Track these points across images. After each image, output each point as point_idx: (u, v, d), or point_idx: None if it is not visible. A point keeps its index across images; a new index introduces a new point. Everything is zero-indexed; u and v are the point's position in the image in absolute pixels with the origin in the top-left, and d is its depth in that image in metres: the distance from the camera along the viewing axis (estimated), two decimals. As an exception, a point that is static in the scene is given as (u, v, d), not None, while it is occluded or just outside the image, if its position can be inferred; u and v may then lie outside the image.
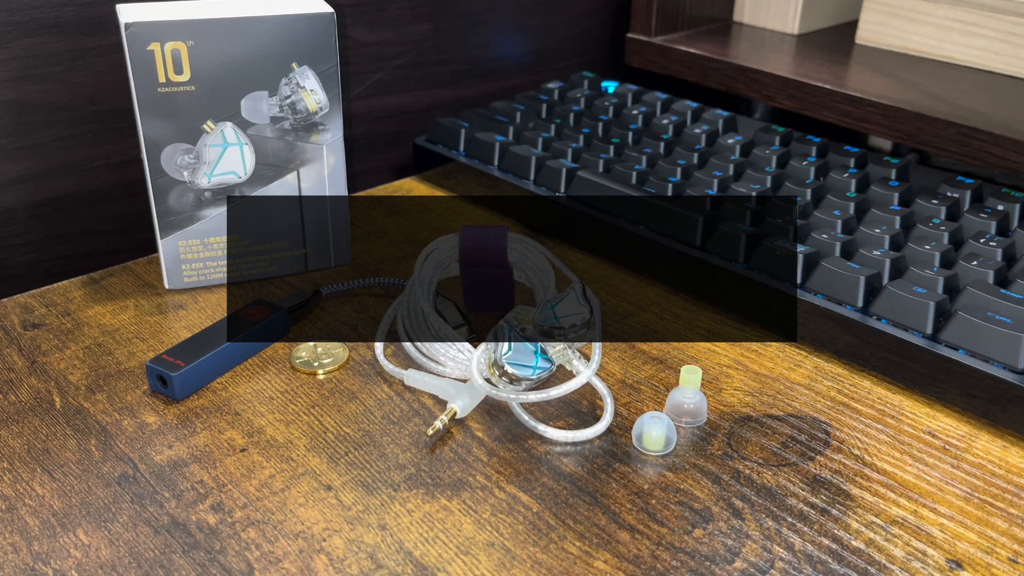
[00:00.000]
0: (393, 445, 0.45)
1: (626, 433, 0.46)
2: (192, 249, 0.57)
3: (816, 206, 0.61)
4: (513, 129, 0.73)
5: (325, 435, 0.46)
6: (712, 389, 0.50)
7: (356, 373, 0.51)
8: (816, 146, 0.68)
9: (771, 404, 0.49)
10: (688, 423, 0.47)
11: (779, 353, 0.53)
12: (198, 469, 0.44)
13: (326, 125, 0.57)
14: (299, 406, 0.48)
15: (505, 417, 0.48)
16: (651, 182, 0.64)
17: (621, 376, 0.51)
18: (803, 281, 0.54)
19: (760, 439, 0.46)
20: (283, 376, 0.51)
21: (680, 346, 0.54)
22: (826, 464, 0.44)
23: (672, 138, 0.71)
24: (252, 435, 0.46)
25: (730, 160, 0.66)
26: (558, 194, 0.66)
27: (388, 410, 0.48)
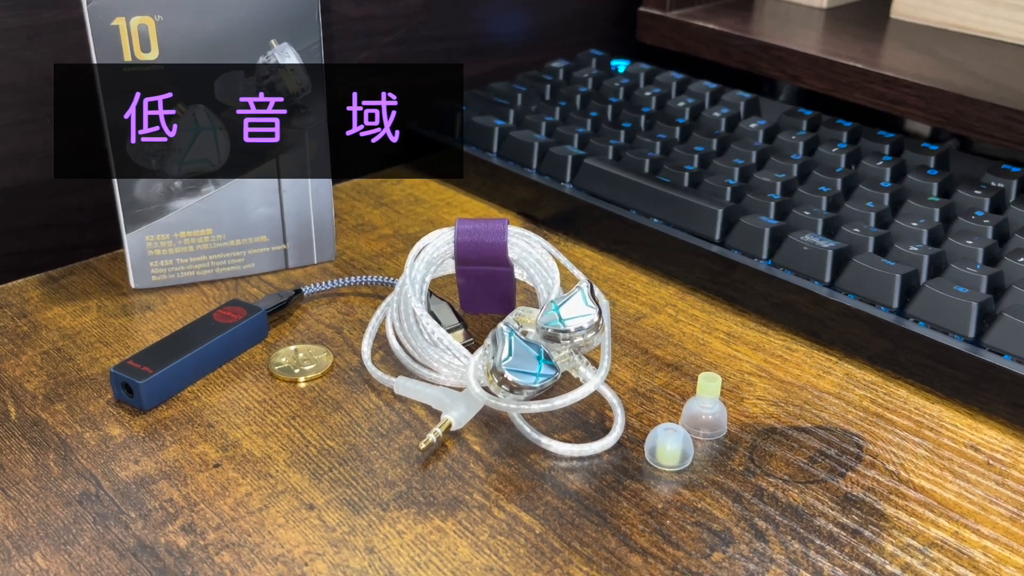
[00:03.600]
0: (382, 460, 0.45)
1: (638, 447, 0.46)
2: (161, 244, 0.57)
3: (847, 197, 0.61)
4: (514, 112, 0.73)
5: (307, 449, 0.46)
6: (733, 398, 0.50)
7: (341, 381, 0.51)
8: (847, 131, 0.68)
9: (797, 415, 0.49)
10: (706, 436, 0.47)
11: (806, 359, 0.53)
12: (167, 486, 0.44)
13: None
14: (278, 417, 0.48)
15: (505, 429, 0.47)
16: (665, 171, 0.64)
17: (633, 384, 0.51)
18: (833, 279, 0.54)
19: (785, 453, 0.46)
20: (261, 384, 0.51)
21: (697, 351, 0.54)
22: (858, 481, 0.44)
23: (689, 122, 0.71)
24: (227, 449, 0.46)
25: (752, 146, 0.66)
26: (563, 184, 0.66)
27: (376, 421, 0.48)
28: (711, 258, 0.58)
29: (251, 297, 0.58)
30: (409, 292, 0.51)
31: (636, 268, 0.62)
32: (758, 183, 0.62)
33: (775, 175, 0.63)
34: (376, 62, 0.77)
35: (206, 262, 0.58)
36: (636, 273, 0.61)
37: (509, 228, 0.53)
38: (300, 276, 0.60)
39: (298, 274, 0.60)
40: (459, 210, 0.68)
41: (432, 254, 0.53)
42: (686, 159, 0.65)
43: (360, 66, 0.76)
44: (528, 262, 0.53)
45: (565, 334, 0.46)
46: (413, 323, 0.51)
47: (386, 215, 0.67)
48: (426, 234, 0.53)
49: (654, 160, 0.65)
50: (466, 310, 0.56)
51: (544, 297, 0.52)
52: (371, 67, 0.77)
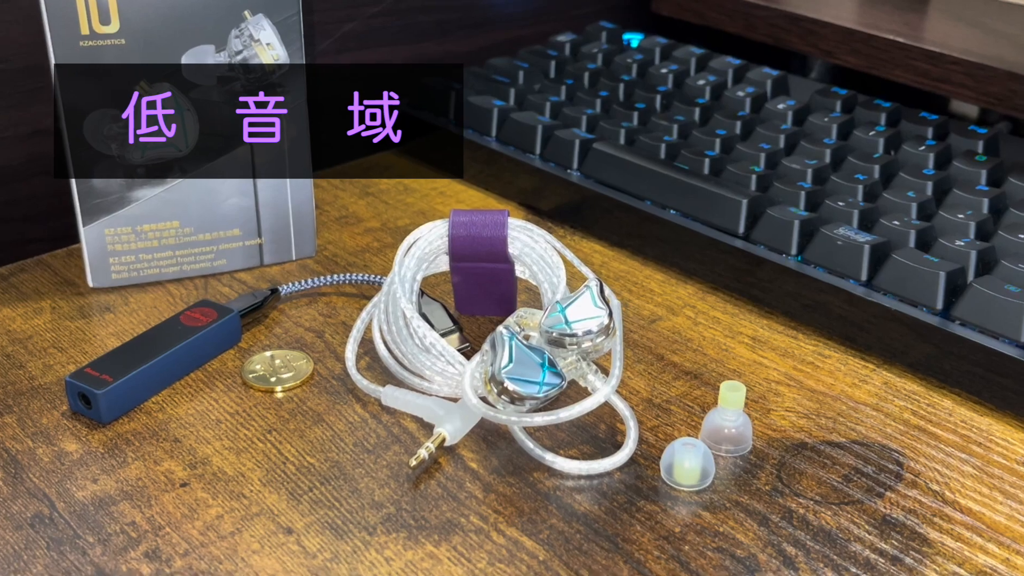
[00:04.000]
0: (368, 479, 0.45)
1: (653, 464, 0.46)
2: (122, 239, 0.57)
3: (886, 186, 0.61)
4: (515, 92, 0.72)
5: (285, 466, 0.46)
6: (758, 410, 0.50)
7: (322, 390, 0.51)
8: (886, 112, 0.68)
9: (830, 428, 0.49)
10: (729, 451, 0.47)
11: (840, 366, 0.53)
12: (129, 508, 0.44)
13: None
14: (253, 431, 0.48)
15: (505, 444, 0.47)
16: (683, 157, 0.64)
17: (647, 394, 0.51)
18: (870, 277, 0.54)
19: (817, 471, 0.46)
20: (233, 394, 0.51)
21: (719, 357, 0.54)
22: (898, 502, 0.44)
23: (709, 103, 0.71)
24: (195, 466, 0.46)
25: (780, 130, 0.66)
26: (570, 171, 0.66)
27: (362, 436, 0.48)
28: (734, 254, 0.58)
29: (222, 297, 0.58)
30: (398, 292, 0.51)
31: (651, 265, 0.61)
32: (787, 170, 0.62)
33: (805, 161, 0.63)
34: (362, 33, 0.77)
35: (172, 258, 0.58)
36: (651, 270, 0.61)
37: (509, 220, 0.53)
38: (277, 274, 0.60)
39: (275, 271, 0.60)
40: (454, 200, 0.68)
41: (424, 249, 0.53)
42: (706, 144, 0.65)
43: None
44: (531, 258, 0.53)
45: (572, 338, 0.46)
46: (403, 326, 0.51)
47: (372, 206, 0.67)
48: (417, 227, 0.53)
49: (671, 145, 0.65)
50: (461, 312, 0.56)
51: (548, 297, 0.52)
52: (356, 40, 0.77)
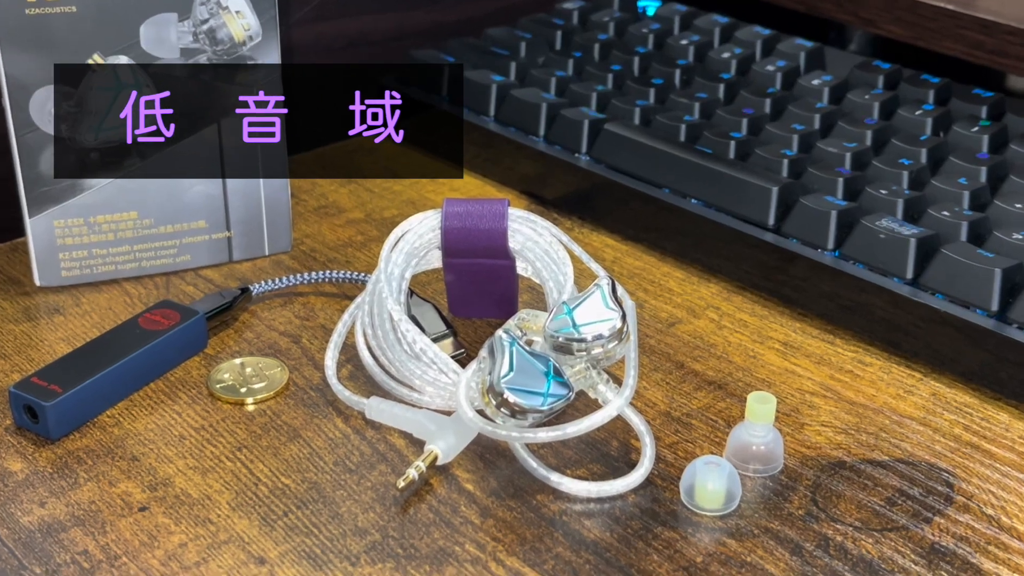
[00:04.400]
0: (350, 502, 0.45)
1: (672, 485, 0.46)
2: (73, 231, 0.57)
3: (934, 172, 0.61)
4: (516, 66, 0.72)
5: (256, 488, 0.46)
6: (791, 424, 0.50)
7: (299, 402, 0.51)
8: (934, 89, 0.67)
9: (872, 445, 0.49)
10: (758, 471, 0.47)
11: (883, 375, 0.53)
12: (81, 535, 0.44)
13: (258, 60, 0.56)
14: (220, 448, 0.48)
15: (505, 463, 0.47)
16: (706, 139, 0.64)
17: (665, 407, 0.51)
18: (916, 275, 0.54)
19: (857, 493, 0.46)
20: (198, 407, 0.51)
21: (747, 365, 0.54)
22: (948, 528, 0.44)
23: (735, 78, 0.71)
24: (156, 488, 0.46)
25: (815, 109, 0.66)
26: (578, 155, 0.65)
27: (343, 454, 0.48)
28: (764, 248, 0.57)
29: (186, 297, 0.58)
30: (384, 291, 0.51)
31: (669, 261, 0.61)
32: (822, 154, 0.62)
33: (844, 144, 0.62)
34: (343, 1, 0.77)
35: (130, 253, 0.58)
36: (669, 267, 0.61)
37: (510, 211, 0.53)
38: (248, 271, 0.60)
39: (245, 268, 0.60)
40: (447, 188, 0.68)
41: (414, 243, 0.53)
42: (732, 124, 0.65)
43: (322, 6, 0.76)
44: (534, 253, 0.53)
45: (580, 344, 0.46)
46: (389, 330, 0.51)
47: (356, 194, 0.67)
48: (406, 218, 0.53)
49: (692, 126, 0.65)
50: (456, 314, 0.56)
51: (554, 297, 0.52)
52: (337, 7, 0.77)
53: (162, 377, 0.52)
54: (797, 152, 0.62)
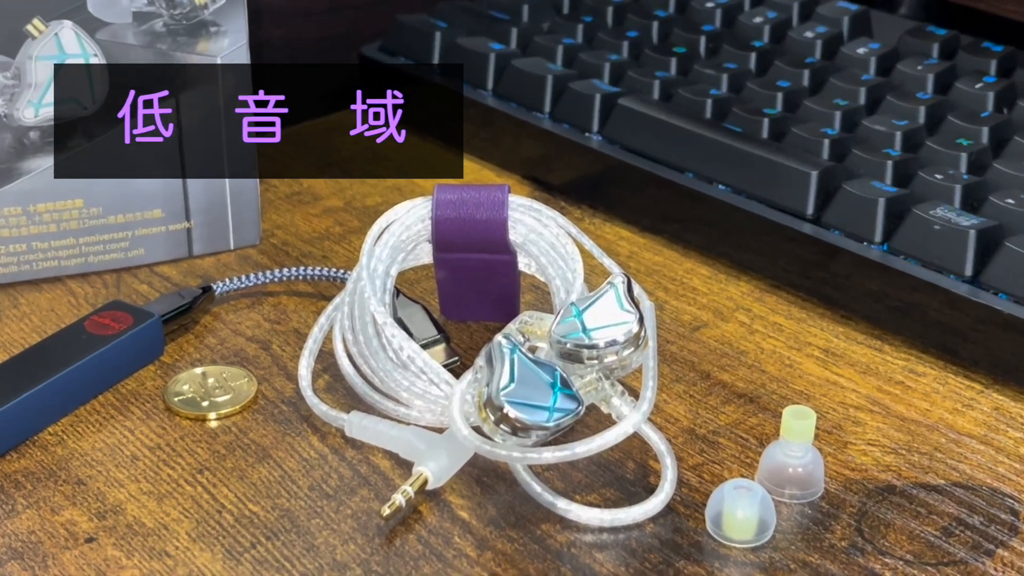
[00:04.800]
0: (328, 532, 0.45)
1: (697, 513, 0.46)
2: (9, 222, 0.57)
3: (996, 154, 0.61)
4: (518, 32, 0.72)
5: (220, 516, 0.46)
6: (833, 443, 0.50)
7: (269, 418, 0.51)
8: (996, 58, 0.67)
9: (926, 467, 0.48)
10: (794, 497, 0.47)
11: (938, 386, 0.53)
12: (19, 570, 0.43)
13: (222, 26, 0.57)
14: (179, 470, 0.48)
15: (505, 488, 0.47)
16: (736, 116, 0.64)
17: (688, 423, 0.51)
18: (977, 272, 0.54)
19: (909, 522, 0.46)
20: (154, 423, 0.50)
21: (782, 375, 0.53)
22: (1013, 562, 0.44)
23: (769, 46, 0.71)
24: (104, 516, 0.46)
25: (860, 81, 0.66)
26: (589, 135, 0.65)
27: (320, 477, 0.48)
28: (801, 241, 0.57)
29: (140, 298, 0.57)
30: (367, 291, 0.51)
31: (693, 256, 0.62)
32: (868, 133, 0.62)
33: (893, 122, 0.62)
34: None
35: (75, 247, 0.58)
36: (693, 263, 0.61)
37: (511, 199, 0.53)
38: (210, 267, 0.60)
39: (207, 264, 0.60)
40: (438, 171, 0.68)
41: (400, 236, 0.53)
42: (765, 99, 0.65)
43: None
44: (538, 247, 0.53)
45: (591, 351, 0.46)
46: (373, 335, 0.51)
47: (334, 179, 0.67)
48: (392, 206, 0.53)
49: (719, 101, 0.65)
50: (449, 316, 0.57)
51: (561, 298, 0.52)
52: None
53: (112, 389, 0.52)
54: (840, 131, 0.62)
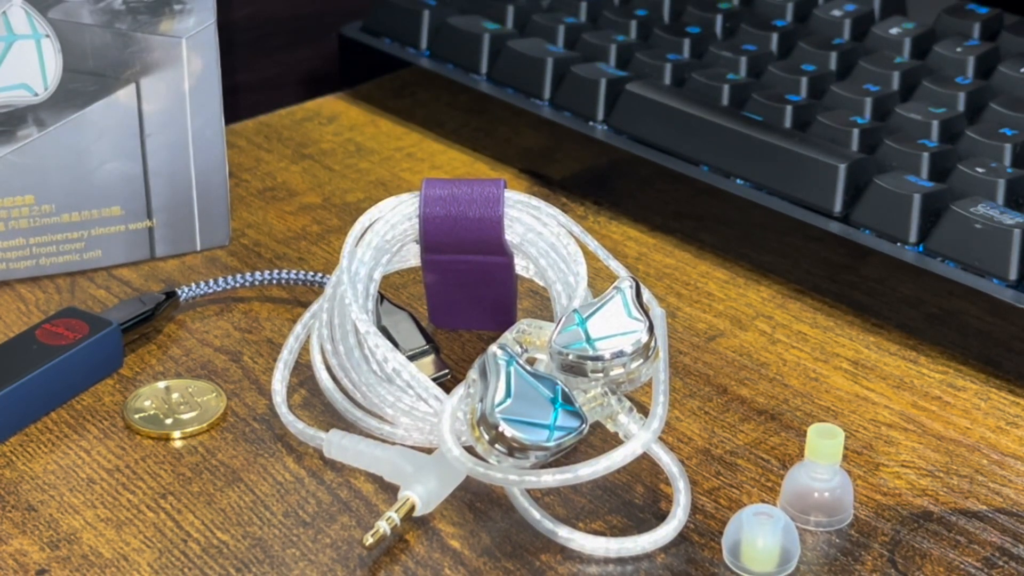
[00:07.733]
0: (304, 563, 0.45)
1: (713, 542, 0.46)
2: (-46, 220, 0.57)
3: (1044, 145, 0.61)
4: (514, 10, 0.73)
5: (186, 545, 0.46)
6: (863, 465, 0.50)
7: (240, 437, 0.51)
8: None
9: (966, 491, 0.48)
10: (820, 524, 0.47)
11: (979, 402, 0.53)
12: (-40, 607, 0.43)
13: (187, 3, 0.57)
14: (140, 495, 0.48)
15: (500, 514, 0.47)
16: (755, 103, 0.64)
17: (703, 442, 0.51)
18: (1022, 276, 0.54)
19: (947, 552, 0.46)
20: (112, 442, 0.50)
21: (807, 390, 0.53)
22: (1065, 598, 0.44)
23: (792, 26, 0.71)
24: (57, 545, 0.46)
25: (893, 64, 0.66)
26: (593, 124, 0.66)
27: (296, 502, 0.48)
28: (828, 242, 0.57)
29: (97, 304, 0.58)
30: (348, 296, 0.51)
31: (708, 258, 0.62)
32: (902, 122, 0.62)
33: (929, 110, 0.62)
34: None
35: (24, 248, 0.59)
36: (708, 266, 0.61)
37: (506, 194, 0.52)
38: (175, 270, 0.60)
39: (171, 267, 0.60)
40: (427, 166, 0.68)
41: (385, 236, 0.53)
42: (788, 85, 0.65)
43: None
44: (537, 248, 0.53)
45: (596, 363, 0.46)
46: (354, 346, 0.51)
47: (311, 173, 0.68)
48: (375, 203, 0.53)
49: (737, 86, 0.65)
50: (438, 325, 0.57)
51: (562, 304, 0.52)
52: None
53: (66, 405, 0.52)
54: (870, 120, 0.62)
